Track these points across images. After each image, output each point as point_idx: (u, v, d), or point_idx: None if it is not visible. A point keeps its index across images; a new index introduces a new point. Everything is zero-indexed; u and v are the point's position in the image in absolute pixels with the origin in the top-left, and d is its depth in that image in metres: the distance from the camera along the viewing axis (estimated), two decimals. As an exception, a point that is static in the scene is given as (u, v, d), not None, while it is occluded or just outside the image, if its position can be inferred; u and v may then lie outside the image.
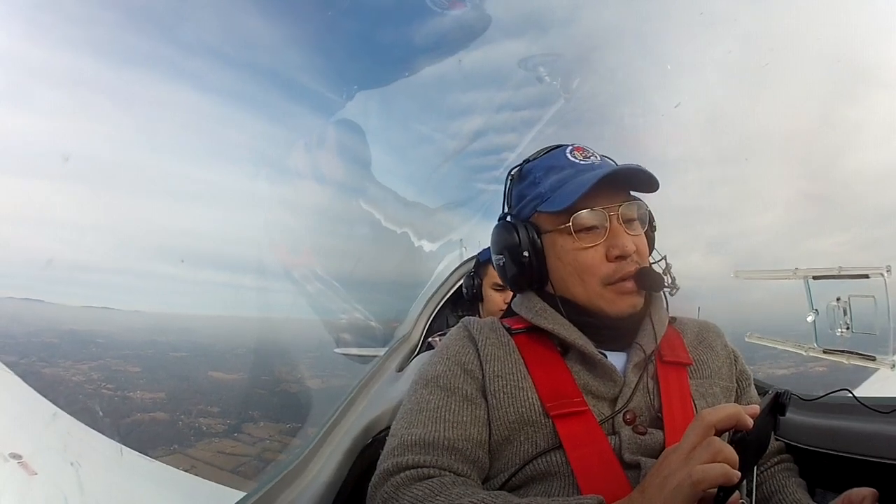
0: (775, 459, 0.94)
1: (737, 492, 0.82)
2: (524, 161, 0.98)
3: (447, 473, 0.74)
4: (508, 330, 0.92)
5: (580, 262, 0.86)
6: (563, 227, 0.86)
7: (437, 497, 0.67)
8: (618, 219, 0.85)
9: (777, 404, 0.66)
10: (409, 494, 0.69)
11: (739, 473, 0.56)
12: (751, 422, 0.59)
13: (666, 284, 0.87)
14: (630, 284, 0.85)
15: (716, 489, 0.58)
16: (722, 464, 0.55)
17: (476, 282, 2.03)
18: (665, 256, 0.93)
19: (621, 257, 0.84)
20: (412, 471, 0.73)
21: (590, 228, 0.85)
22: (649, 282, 0.85)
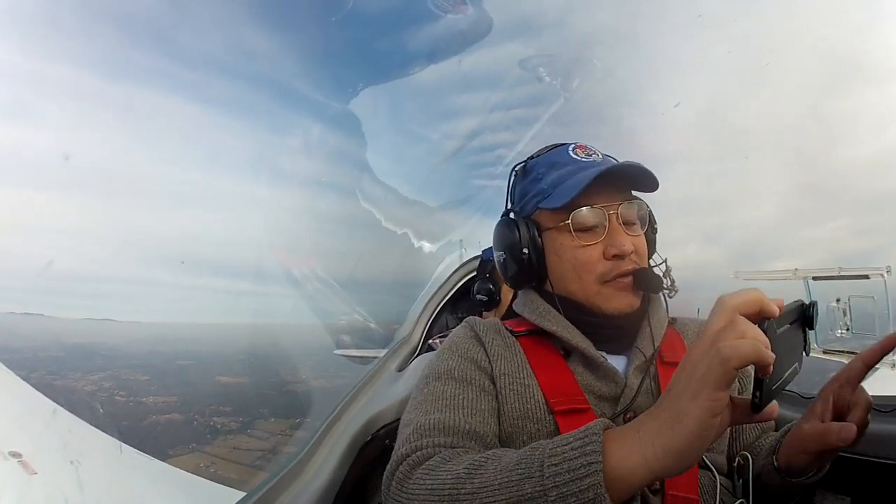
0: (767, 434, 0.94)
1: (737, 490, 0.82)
2: (528, 158, 0.99)
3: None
4: (511, 332, 0.92)
5: (578, 259, 0.86)
6: (562, 224, 0.87)
7: (449, 462, 0.65)
8: (617, 218, 0.86)
9: (804, 316, 0.60)
10: (423, 467, 0.66)
11: (773, 355, 0.49)
12: (776, 308, 0.53)
13: (665, 287, 0.88)
14: (627, 281, 0.85)
15: (749, 397, 0.53)
16: (752, 339, 0.49)
17: (494, 287, 1.94)
18: (666, 260, 0.93)
19: (619, 256, 0.84)
20: (430, 450, 0.70)
21: (589, 227, 0.86)
22: (647, 282, 0.85)
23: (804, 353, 0.63)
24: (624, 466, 0.52)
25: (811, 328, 0.61)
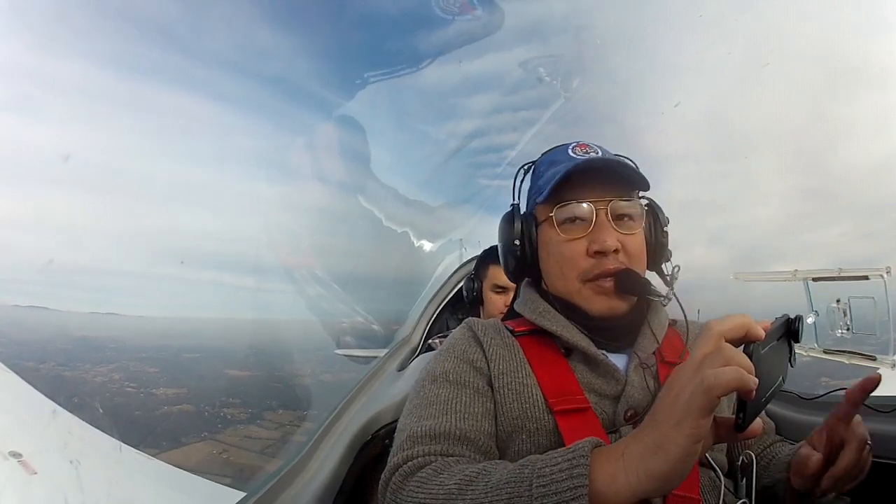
0: (770, 440, 0.94)
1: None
2: (538, 158, 1.00)
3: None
4: (511, 332, 0.92)
5: (562, 254, 0.85)
6: (549, 217, 0.87)
7: (441, 475, 0.66)
8: (606, 213, 0.84)
9: (790, 330, 0.61)
10: (415, 479, 0.68)
11: (756, 379, 0.50)
12: (762, 331, 0.54)
13: (651, 293, 0.83)
14: (608, 284, 0.83)
15: (733, 417, 0.54)
16: (735, 367, 0.50)
17: (476, 284, 1.96)
18: (675, 268, 0.90)
19: (600, 253, 0.82)
20: (422, 459, 0.71)
21: (574, 220, 0.85)
22: (630, 285, 0.82)
23: (790, 365, 0.64)
24: (609, 489, 0.53)
25: (797, 341, 0.62)
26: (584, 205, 0.84)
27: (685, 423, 0.50)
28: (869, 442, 0.72)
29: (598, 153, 0.91)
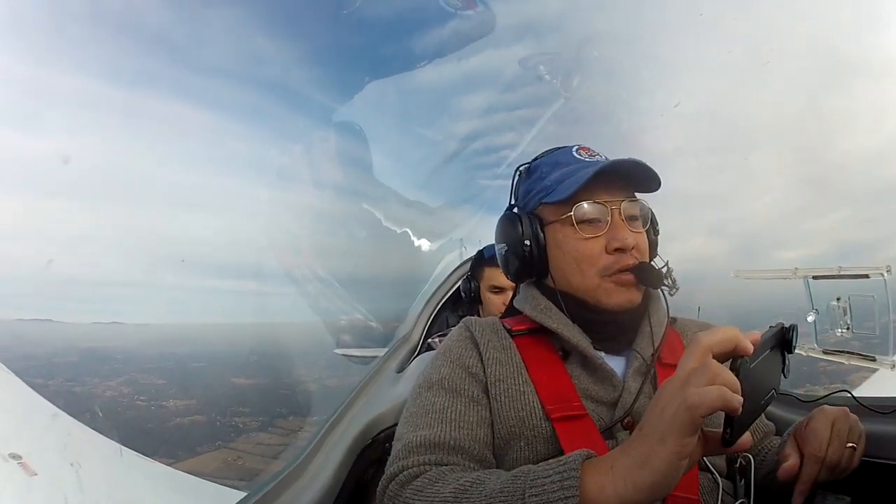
0: (769, 440, 0.95)
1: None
2: (532, 160, 1.00)
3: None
4: (509, 331, 0.92)
5: (580, 251, 0.86)
6: (565, 217, 0.87)
7: (436, 483, 0.67)
8: (619, 213, 0.86)
9: (783, 340, 0.61)
10: (411, 487, 0.69)
11: (741, 398, 0.50)
12: (750, 346, 0.55)
13: (665, 284, 0.87)
14: (628, 276, 0.84)
15: (721, 430, 0.54)
16: (719, 386, 0.51)
17: (473, 285, 1.97)
18: (668, 262, 0.92)
19: (620, 250, 0.84)
20: (417, 468, 0.73)
21: (591, 221, 0.86)
22: (648, 277, 0.85)
23: (783, 376, 0.63)
24: (598, 499, 0.55)
25: (790, 352, 0.62)
26: (602, 206, 0.86)
27: (669, 439, 0.52)
28: (851, 444, 0.75)
29: (602, 157, 0.93)
